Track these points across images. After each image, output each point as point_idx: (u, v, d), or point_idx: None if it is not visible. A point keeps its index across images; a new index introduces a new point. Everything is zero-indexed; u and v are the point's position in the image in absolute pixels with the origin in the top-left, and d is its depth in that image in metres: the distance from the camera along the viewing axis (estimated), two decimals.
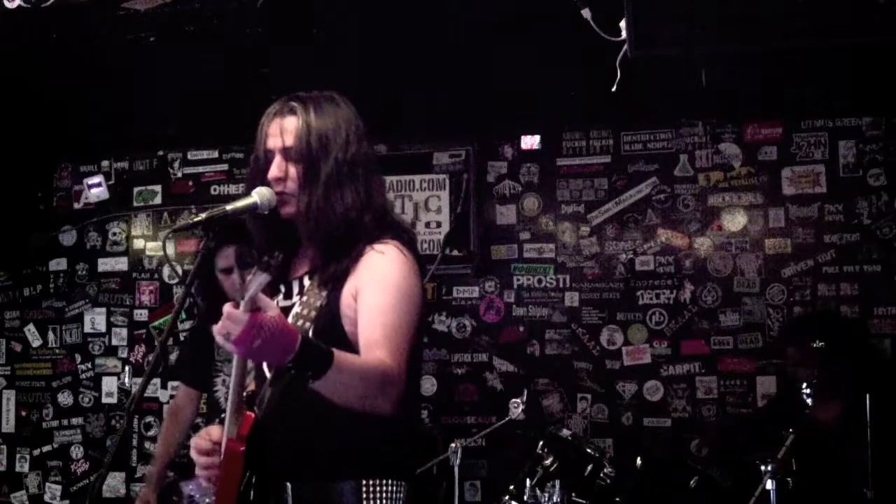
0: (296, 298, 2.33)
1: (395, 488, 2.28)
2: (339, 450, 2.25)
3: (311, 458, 2.26)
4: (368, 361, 2.12)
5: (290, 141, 2.32)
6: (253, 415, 2.22)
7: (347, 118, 2.40)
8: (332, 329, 2.23)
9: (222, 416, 2.42)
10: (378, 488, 2.25)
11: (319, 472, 2.26)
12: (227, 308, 1.93)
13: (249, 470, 2.20)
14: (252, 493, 2.21)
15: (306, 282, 2.34)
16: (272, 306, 1.96)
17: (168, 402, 5.06)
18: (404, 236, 2.36)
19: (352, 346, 2.20)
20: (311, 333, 2.11)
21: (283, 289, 2.39)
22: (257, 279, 1.92)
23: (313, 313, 2.18)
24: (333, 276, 2.26)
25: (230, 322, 1.91)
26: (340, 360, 2.01)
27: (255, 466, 2.20)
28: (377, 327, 2.19)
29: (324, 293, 2.23)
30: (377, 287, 2.23)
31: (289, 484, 2.26)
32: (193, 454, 2.31)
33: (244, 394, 2.26)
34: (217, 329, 1.95)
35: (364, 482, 2.24)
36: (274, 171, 2.33)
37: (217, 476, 2.24)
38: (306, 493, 2.26)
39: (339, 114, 2.39)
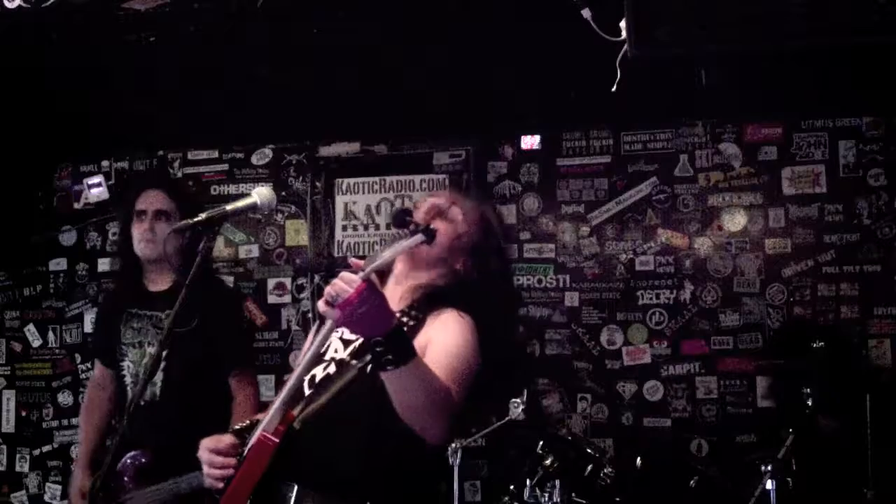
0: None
1: None
2: (359, 471, 2.26)
3: (328, 471, 2.27)
4: (438, 378, 2.16)
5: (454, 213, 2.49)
6: (293, 415, 2.24)
7: (498, 217, 2.68)
8: None
9: (236, 427, 2.42)
10: None
11: (330, 486, 2.26)
12: (344, 273, 2.01)
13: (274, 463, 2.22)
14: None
15: None
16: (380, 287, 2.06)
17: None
18: (481, 318, 2.42)
19: None
20: (369, 368, 2.13)
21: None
22: (400, 244, 2.06)
23: None
24: (407, 324, 2.30)
25: (343, 283, 1.99)
26: (418, 359, 2.08)
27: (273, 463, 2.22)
28: (444, 368, 2.23)
29: None
30: (450, 337, 2.31)
31: (295, 486, 2.27)
32: (205, 453, 2.32)
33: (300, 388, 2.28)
34: (328, 290, 2.01)
35: None
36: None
37: (230, 472, 2.26)
38: (309, 500, 2.26)
39: (494, 217, 2.61)
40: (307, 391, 2.32)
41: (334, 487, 2.26)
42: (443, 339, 2.30)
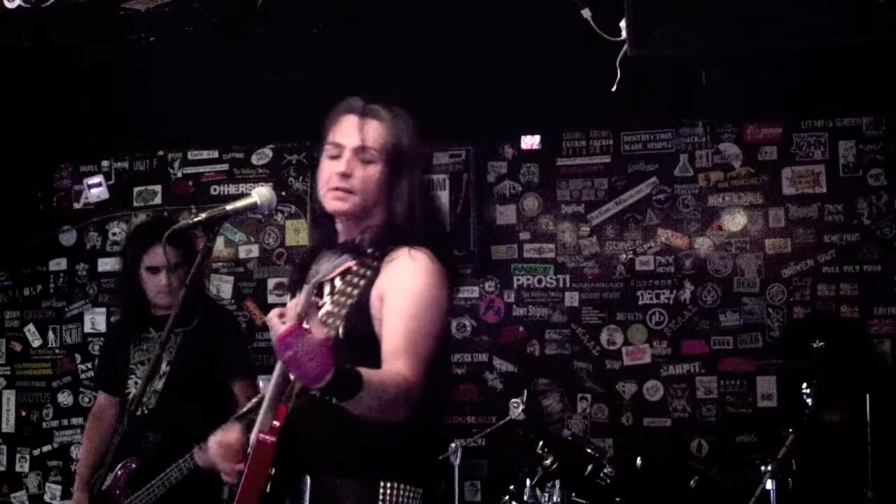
0: (326, 298, 2.34)
1: (411, 493, 2.31)
2: (361, 449, 2.27)
3: (333, 454, 2.28)
4: (390, 380, 2.14)
5: (370, 143, 2.41)
6: (286, 408, 2.24)
7: (414, 132, 2.51)
8: (362, 329, 2.27)
9: (241, 411, 2.44)
10: (394, 491, 2.29)
11: (339, 469, 2.28)
12: (290, 305, 1.98)
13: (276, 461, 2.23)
14: (270, 483, 2.23)
15: (338, 283, 2.34)
16: (319, 327, 1.96)
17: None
18: (437, 243, 2.40)
19: (379, 346, 2.25)
20: (341, 332, 2.14)
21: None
22: (331, 262, 1.99)
23: (344, 311, 2.21)
24: (364, 275, 2.29)
25: (282, 317, 1.97)
26: (366, 384, 2.02)
27: (277, 458, 2.23)
28: (400, 335, 2.22)
29: (355, 292, 2.25)
30: (403, 293, 2.27)
31: (308, 477, 2.28)
32: (214, 446, 2.33)
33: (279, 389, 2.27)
34: (273, 316, 1.99)
35: (381, 483, 2.28)
36: (341, 166, 2.40)
37: (242, 471, 2.26)
38: (324, 487, 2.28)
39: (409, 123, 2.51)
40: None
41: (342, 469, 2.28)
42: (398, 298, 2.27)
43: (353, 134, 2.43)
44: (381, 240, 2.33)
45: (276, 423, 2.22)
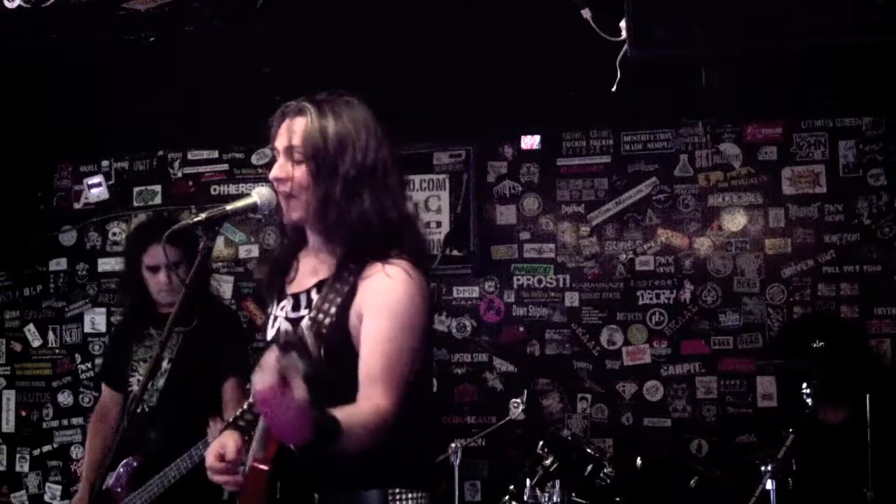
0: (304, 311, 2.31)
1: (417, 495, 2.31)
2: (365, 460, 2.22)
3: (340, 470, 2.24)
4: (367, 417, 2.09)
5: (296, 141, 2.28)
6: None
7: (365, 121, 2.35)
8: (343, 348, 2.22)
9: (232, 417, 2.44)
10: (402, 497, 2.28)
11: (346, 482, 2.26)
12: (272, 359, 1.83)
13: (276, 484, 2.21)
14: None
15: (314, 295, 2.32)
16: (300, 388, 1.83)
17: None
18: (415, 252, 2.33)
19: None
20: (322, 352, 2.09)
21: (290, 301, 2.38)
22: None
23: (323, 331, 2.17)
24: (341, 292, 2.25)
25: (263, 374, 1.83)
26: (344, 432, 1.97)
27: (282, 479, 2.21)
28: (376, 360, 2.18)
29: (332, 310, 2.22)
30: (379, 315, 2.21)
31: (316, 495, 2.26)
32: (210, 461, 2.33)
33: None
34: (260, 371, 1.86)
35: (389, 491, 2.27)
36: (275, 170, 2.32)
37: (239, 487, 2.27)
38: (333, 502, 2.26)
39: (355, 116, 2.34)
40: None
41: (351, 484, 2.26)
42: (374, 320, 2.21)
43: (283, 135, 2.32)
44: (352, 256, 2.27)
45: (270, 454, 2.20)
